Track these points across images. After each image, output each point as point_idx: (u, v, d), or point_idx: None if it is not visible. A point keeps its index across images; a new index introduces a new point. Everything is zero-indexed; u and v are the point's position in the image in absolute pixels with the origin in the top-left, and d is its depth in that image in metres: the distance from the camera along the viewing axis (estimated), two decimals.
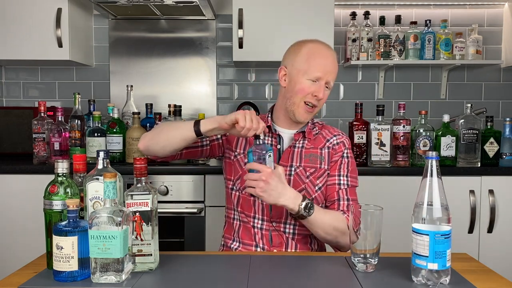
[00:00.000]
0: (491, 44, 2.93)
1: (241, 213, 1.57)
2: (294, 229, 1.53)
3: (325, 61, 1.51)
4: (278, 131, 1.59)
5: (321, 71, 1.50)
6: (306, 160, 1.55)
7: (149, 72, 2.94)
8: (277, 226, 1.52)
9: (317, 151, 1.57)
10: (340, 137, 1.62)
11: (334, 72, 1.54)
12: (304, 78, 1.50)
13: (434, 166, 1.07)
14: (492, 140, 2.43)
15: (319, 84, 1.51)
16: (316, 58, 1.51)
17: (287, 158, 1.55)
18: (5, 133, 2.65)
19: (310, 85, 1.50)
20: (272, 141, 1.58)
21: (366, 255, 1.17)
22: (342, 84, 2.98)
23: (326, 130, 1.63)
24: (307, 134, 1.58)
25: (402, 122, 2.38)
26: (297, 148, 1.57)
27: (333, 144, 1.59)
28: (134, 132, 2.45)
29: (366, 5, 2.89)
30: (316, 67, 1.50)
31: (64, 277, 1.09)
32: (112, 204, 1.08)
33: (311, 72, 1.50)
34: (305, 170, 1.54)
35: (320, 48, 1.54)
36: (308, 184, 1.54)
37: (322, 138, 1.61)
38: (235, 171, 1.59)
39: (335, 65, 1.54)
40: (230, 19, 2.71)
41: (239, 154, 1.59)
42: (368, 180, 2.29)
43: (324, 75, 1.50)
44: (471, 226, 2.35)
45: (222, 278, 1.15)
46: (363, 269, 1.17)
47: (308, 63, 1.51)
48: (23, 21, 2.58)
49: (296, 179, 1.53)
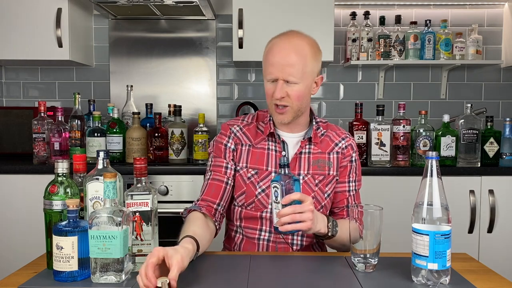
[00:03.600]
0: (491, 44, 2.93)
1: (246, 228, 1.49)
2: (302, 240, 1.48)
3: (277, 57, 1.37)
4: (282, 137, 1.49)
5: (272, 70, 1.38)
6: (314, 167, 1.48)
7: (149, 72, 2.94)
8: (286, 237, 1.47)
9: (325, 156, 1.50)
10: (348, 139, 1.54)
11: (293, 66, 1.36)
12: (266, 80, 1.43)
13: (434, 166, 1.07)
14: (492, 140, 2.43)
15: (276, 83, 1.39)
16: (268, 57, 1.40)
17: (294, 166, 1.47)
18: (5, 133, 2.65)
19: (270, 86, 1.41)
20: (277, 148, 1.49)
21: (366, 255, 1.17)
22: (342, 84, 2.98)
23: (333, 132, 1.55)
24: (313, 139, 1.49)
25: (402, 122, 2.38)
26: (304, 154, 1.49)
27: (341, 148, 1.52)
28: (134, 132, 2.45)
29: (366, 5, 2.89)
30: (268, 68, 1.40)
31: (64, 277, 1.09)
32: (112, 204, 1.08)
33: (266, 74, 1.41)
34: (313, 178, 1.47)
35: (276, 44, 1.40)
36: (317, 192, 1.47)
37: (330, 141, 1.52)
38: (239, 186, 1.49)
39: (289, 58, 1.36)
40: (230, 19, 2.71)
41: (241, 169, 1.48)
42: (368, 180, 2.29)
43: (278, 73, 1.37)
44: (471, 226, 2.35)
45: (222, 278, 1.15)
46: (363, 269, 1.17)
47: (264, 64, 1.43)
48: (23, 21, 2.58)
49: (304, 188, 1.45)
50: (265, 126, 1.51)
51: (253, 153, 1.49)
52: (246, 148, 1.50)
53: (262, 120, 1.54)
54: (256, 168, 1.47)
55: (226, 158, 1.50)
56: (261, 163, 1.48)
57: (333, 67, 2.96)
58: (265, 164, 1.47)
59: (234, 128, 1.52)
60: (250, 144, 1.50)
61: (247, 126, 1.53)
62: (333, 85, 2.98)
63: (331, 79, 2.98)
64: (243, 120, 1.55)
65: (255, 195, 1.45)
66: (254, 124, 1.54)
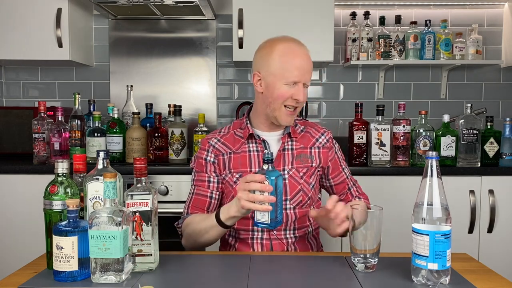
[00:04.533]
0: (491, 44, 2.93)
1: (239, 230, 1.51)
2: (294, 233, 1.52)
3: (300, 62, 1.44)
4: (262, 137, 1.54)
5: (297, 74, 1.43)
6: (297, 162, 1.53)
7: (149, 72, 2.94)
8: (278, 234, 1.50)
9: (307, 150, 1.56)
10: (327, 133, 1.62)
11: (310, 70, 1.47)
12: (281, 83, 1.44)
13: (434, 166, 1.07)
14: (492, 140, 2.43)
15: (298, 86, 1.44)
16: (290, 60, 1.43)
17: (279, 162, 1.52)
18: (5, 133, 2.65)
19: (288, 89, 1.44)
20: (258, 148, 1.53)
21: (366, 255, 1.17)
22: (342, 84, 2.98)
23: (312, 129, 1.61)
24: (292, 134, 1.55)
25: (402, 122, 2.38)
26: (287, 151, 1.54)
27: (323, 143, 1.59)
28: (134, 132, 2.45)
29: (366, 5, 2.89)
30: (292, 72, 1.43)
31: (64, 277, 1.09)
32: (112, 204, 1.08)
33: (288, 77, 1.43)
34: (298, 171, 1.52)
35: (292, 48, 1.46)
36: (303, 184, 1.52)
37: (310, 137, 1.59)
38: (228, 192, 1.53)
39: (310, 63, 1.47)
40: (230, 19, 2.71)
41: (226, 176, 1.52)
42: (368, 180, 2.29)
43: (302, 77, 1.44)
44: (471, 226, 2.35)
45: (222, 278, 1.15)
46: (363, 269, 1.17)
47: (283, 67, 1.43)
48: (23, 21, 2.58)
49: (291, 182, 1.51)
50: (243, 131, 1.55)
51: (235, 158, 1.53)
52: (227, 156, 1.54)
53: (239, 127, 1.58)
54: (239, 171, 1.51)
55: (208, 171, 1.54)
56: (244, 166, 1.52)
57: (333, 67, 2.96)
58: (248, 166, 1.52)
59: (212, 141, 1.57)
60: (231, 152, 1.54)
61: (224, 136, 1.58)
62: (333, 85, 2.98)
63: (331, 79, 2.98)
64: (220, 132, 1.60)
65: None
66: (231, 133, 1.58)
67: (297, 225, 1.52)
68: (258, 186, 1.21)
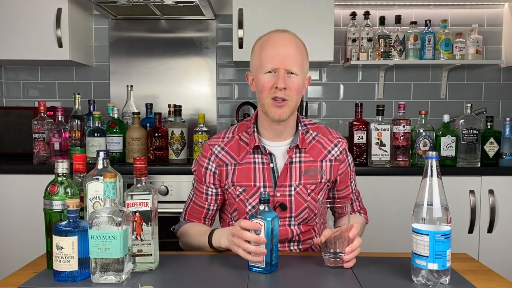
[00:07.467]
0: (491, 44, 2.93)
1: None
2: (299, 246, 1.48)
3: (277, 48, 1.36)
4: (268, 149, 1.43)
5: (273, 59, 1.34)
6: (306, 177, 1.43)
7: (149, 72, 2.94)
8: (282, 246, 1.45)
9: (317, 164, 1.45)
10: (341, 144, 1.50)
11: (294, 56, 1.35)
12: (261, 74, 1.36)
13: (434, 166, 1.07)
14: (492, 140, 2.43)
15: (278, 73, 1.34)
16: (266, 48, 1.37)
17: (285, 177, 1.42)
18: (5, 133, 2.65)
19: (269, 78, 1.35)
20: (263, 160, 1.43)
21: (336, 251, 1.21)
22: (342, 84, 2.98)
23: (325, 138, 1.49)
24: (301, 145, 1.44)
25: (402, 122, 2.38)
26: (295, 164, 1.43)
27: (335, 156, 1.48)
28: (134, 132, 2.45)
29: (366, 5, 2.89)
30: (267, 58, 1.35)
31: (64, 277, 1.09)
32: (112, 204, 1.08)
33: (265, 65, 1.36)
34: (305, 188, 1.43)
35: (272, 37, 1.39)
36: (310, 201, 1.44)
37: (322, 148, 1.47)
38: (231, 203, 1.48)
39: (293, 48, 1.36)
40: (230, 19, 2.71)
41: (229, 187, 1.45)
42: (368, 180, 2.29)
43: (280, 63, 1.34)
44: (471, 226, 2.35)
45: (222, 278, 1.15)
46: (335, 264, 1.20)
47: (261, 56, 1.37)
48: (23, 21, 2.58)
49: (297, 199, 1.43)
50: (249, 138, 1.45)
51: (239, 170, 1.44)
52: (231, 168, 1.45)
53: (246, 130, 1.48)
54: (243, 185, 1.43)
55: (207, 183, 1.47)
56: (248, 179, 1.43)
57: (333, 67, 2.96)
58: (252, 180, 1.43)
59: (215, 149, 1.47)
60: (235, 163, 1.45)
61: (228, 144, 1.47)
62: (333, 85, 2.98)
63: (331, 79, 2.98)
64: (224, 138, 1.49)
65: (246, 212, 1.44)
66: (236, 139, 1.47)
67: (301, 238, 1.47)
68: (253, 238, 1.16)
